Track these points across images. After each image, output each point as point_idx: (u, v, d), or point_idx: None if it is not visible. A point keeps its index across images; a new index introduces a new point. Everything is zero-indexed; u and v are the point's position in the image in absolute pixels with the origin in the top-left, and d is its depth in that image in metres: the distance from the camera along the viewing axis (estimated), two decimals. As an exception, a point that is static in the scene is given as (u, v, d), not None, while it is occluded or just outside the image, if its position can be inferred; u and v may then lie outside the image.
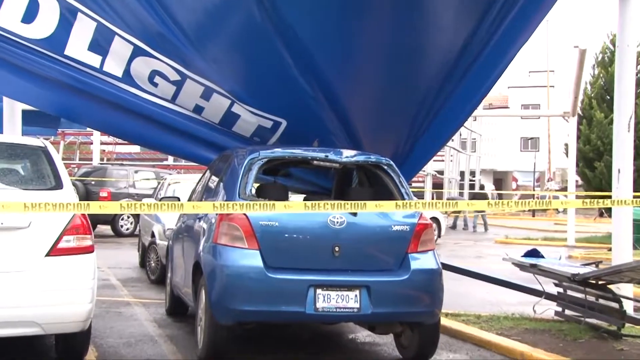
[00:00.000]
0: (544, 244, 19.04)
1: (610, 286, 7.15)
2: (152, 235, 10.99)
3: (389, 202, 5.25)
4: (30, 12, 6.71)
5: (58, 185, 5.61)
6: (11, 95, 8.15)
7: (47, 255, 5.12)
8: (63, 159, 17.80)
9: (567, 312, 7.79)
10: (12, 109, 8.82)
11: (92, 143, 29.06)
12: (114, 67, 7.06)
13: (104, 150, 36.98)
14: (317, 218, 5.75)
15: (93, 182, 19.78)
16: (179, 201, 7.43)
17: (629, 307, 7.33)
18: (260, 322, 6.06)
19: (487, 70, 7.27)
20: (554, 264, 7.88)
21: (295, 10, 6.60)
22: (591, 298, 7.28)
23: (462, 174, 35.85)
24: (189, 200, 7.84)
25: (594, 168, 24.14)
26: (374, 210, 5.47)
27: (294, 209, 5.32)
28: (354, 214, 5.75)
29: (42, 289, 5.08)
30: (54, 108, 7.98)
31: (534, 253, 8.32)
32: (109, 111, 7.35)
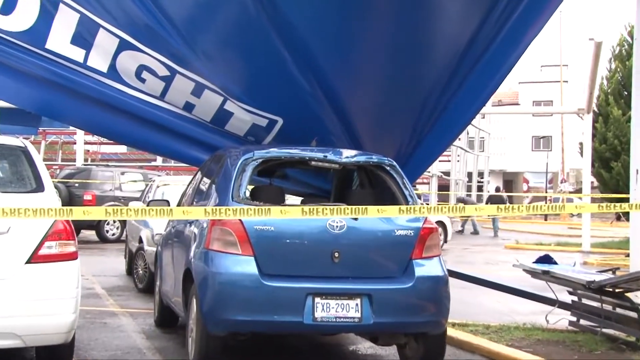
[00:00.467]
0: (557, 249, 19.07)
1: (629, 294, 7.16)
2: (140, 240, 10.99)
3: (392, 207, 5.24)
4: (8, 3, 6.70)
5: (39, 188, 5.61)
6: (-11, 92, 8.15)
7: (27, 263, 5.12)
8: (44, 160, 17.85)
9: (582, 322, 7.80)
10: (-10, 107, 8.84)
11: (75, 143, 29.04)
12: (98, 62, 7.05)
13: (88, 151, 36.96)
14: (316, 222, 5.74)
15: (76, 185, 19.77)
16: (169, 205, 7.48)
17: (648, 316, 7.34)
18: (255, 333, 6.06)
19: (496, 65, 7.27)
20: (567, 271, 7.89)
21: (293, 2, 6.60)
22: (608, 307, 7.29)
23: (470, 175, 35.90)
24: (179, 204, 7.86)
25: (610, 169, 24.14)
26: (376, 216, 5.46)
27: (290, 215, 5.32)
28: (355, 218, 5.76)
29: (23, 298, 5.07)
30: (35, 105, 7.99)
31: (546, 259, 8.34)
32: (94, 109, 7.34)
